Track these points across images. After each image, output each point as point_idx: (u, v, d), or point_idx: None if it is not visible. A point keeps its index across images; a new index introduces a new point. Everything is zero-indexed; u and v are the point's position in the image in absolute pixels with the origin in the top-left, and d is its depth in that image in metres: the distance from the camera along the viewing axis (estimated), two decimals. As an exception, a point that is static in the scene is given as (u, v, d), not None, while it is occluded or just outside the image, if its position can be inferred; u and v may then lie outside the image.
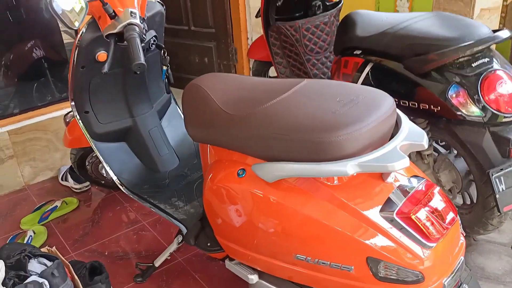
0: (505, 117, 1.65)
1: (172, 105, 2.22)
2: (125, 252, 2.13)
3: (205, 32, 3.48)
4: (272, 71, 3.20)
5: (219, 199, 1.44)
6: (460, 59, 1.68)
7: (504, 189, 1.62)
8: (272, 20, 2.68)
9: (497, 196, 1.62)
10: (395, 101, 1.32)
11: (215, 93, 1.46)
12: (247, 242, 1.41)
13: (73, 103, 1.87)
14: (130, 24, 1.46)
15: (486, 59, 1.68)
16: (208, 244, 1.64)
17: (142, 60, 1.41)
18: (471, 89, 1.64)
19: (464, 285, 1.31)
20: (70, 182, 2.62)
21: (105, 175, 2.47)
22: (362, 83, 1.97)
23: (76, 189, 2.61)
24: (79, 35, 1.69)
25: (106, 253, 2.13)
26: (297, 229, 1.27)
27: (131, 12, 1.48)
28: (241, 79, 1.57)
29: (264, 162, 1.28)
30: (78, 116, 1.90)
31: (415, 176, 1.28)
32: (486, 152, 1.68)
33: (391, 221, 1.17)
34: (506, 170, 1.63)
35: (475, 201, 1.90)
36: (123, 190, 1.95)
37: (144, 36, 1.51)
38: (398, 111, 1.29)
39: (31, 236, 2.20)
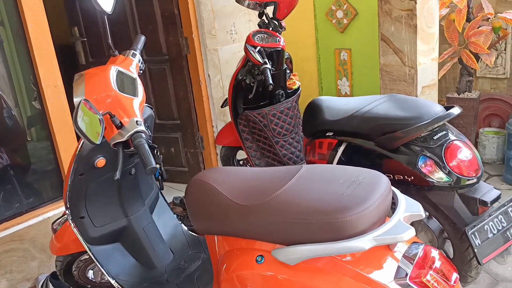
0: (468, 179, 1.91)
1: (160, 199, 2.30)
2: None
3: (170, 124, 3.64)
4: (239, 155, 3.38)
5: (239, 287, 1.51)
6: (423, 134, 1.94)
7: (480, 243, 1.83)
8: (240, 109, 2.89)
9: (476, 250, 1.82)
10: None
11: (222, 186, 1.59)
12: (270, 326, 1.48)
13: (68, 211, 1.90)
14: (137, 132, 1.59)
15: (444, 132, 1.96)
16: (223, 334, 1.68)
17: (154, 164, 1.52)
18: (437, 158, 1.90)
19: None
20: (52, 291, 2.53)
21: (91, 278, 2.43)
22: (338, 161, 2.19)
23: (58, 297, 2.52)
24: (79, 146, 1.78)
25: None
26: (321, 306, 1.36)
27: (137, 121, 1.61)
28: (241, 171, 1.71)
29: (283, 246, 1.40)
30: (73, 223, 1.92)
31: (415, 242, 1.45)
32: (458, 212, 1.90)
33: (406, 286, 1.31)
34: (479, 226, 1.85)
35: (451, 257, 2.10)
36: (122, 292, 1.95)
37: (150, 141, 1.63)
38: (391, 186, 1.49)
39: None
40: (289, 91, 3.00)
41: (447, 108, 1.98)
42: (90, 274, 2.42)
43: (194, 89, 3.49)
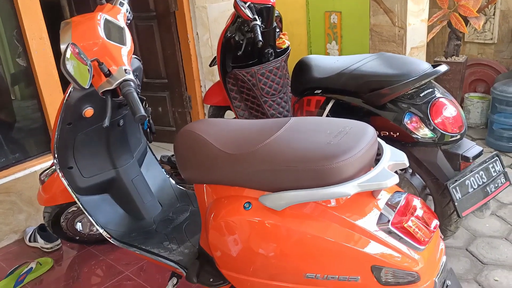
0: (451, 136, 1.95)
1: (149, 153, 2.31)
2: (115, 304, 2.13)
3: (158, 83, 3.61)
4: (227, 115, 3.39)
5: (226, 234, 1.55)
6: (410, 91, 1.97)
7: (460, 197, 1.90)
8: (229, 68, 2.88)
9: (456, 204, 1.89)
10: None
11: (210, 136, 1.60)
12: (257, 270, 1.53)
13: (56, 160, 1.91)
14: (125, 80, 1.58)
15: (430, 89, 1.99)
16: (211, 280, 1.73)
17: (142, 112, 1.53)
18: (423, 115, 1.93)
19: (447, 281, 1.52)
20: (40, 242, 2.56)
21: (80, 230, 2.47)
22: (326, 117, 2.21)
23: (47, 248, 2.56)
24: (67, 95, 1.77)
25: (95, 308, 2.12)
26: (306, 249, 1.41)
27: (125, 69, 1.60)
28: (231, 122, 1.73)
29: (270, 193, 1.43)
30: (61, 173, 1.93)
31: (398, 191, 1.50)
32: (441, 168, 1.96)
33: (387, 231, 1.37)
34: (460, 181, 1.91)
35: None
36: (111, 241, 1.98)
37: (138, 90, 1.63)
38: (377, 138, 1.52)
39: None
40: (278, 51, 2.99)
41: (434, 67, 2.00)
42: (79, 226, 2.45)
43: (182, 48, 3.46)
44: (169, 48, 3.47)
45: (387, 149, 1.47)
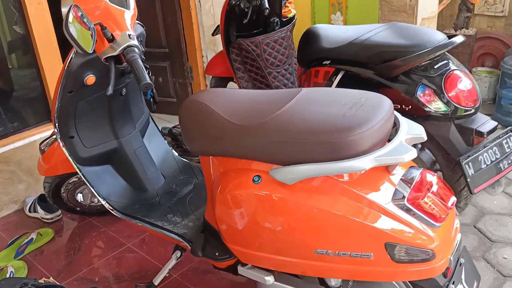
0: (465, 110, 1.89)
1: (151, 124, 2.25)
2: (117, 276, 2.10)
3: (158, 52, 3.51)
4: (230, 86, 3.31)
5: (233, 207, 1.50)
6: (423, 63, 1.90)
7: (473, 173, 1.85)
8: (233, 37, 2.79)
9: (469, 180, 1.85)
10: None
11: (218, 107, 1.54)
12: (264, 245, 1.49)
13: (56, 129, 1.85)
14: (130, 46, 1.50)
15: (445, 61, 1.92)
16: (217, 254, 1.69)
17: (148, 79, 1.46)
18: (436, 87, 1.87)
19: (461, 259, 1.49)
20: (40, 213, 2.52)
21: (81, 201, 2.42)
22: (335, 90, 2.14)
23: (47, 219, 2.52)
24: (68, 61, 1.69)
25: (97, 279, 2.09)
26: (317, 225, 1.37)
27: (129, 34, 1.52)
28: (238, 92, 1.66)
29: (281, 166, 1.38)
30: (62, 142, 1.87)
31: (413, 167, 1.44)
32: (453, 143, 1.91)
33: (403, 207, 1.32)
34: (473, 156, 1.86)
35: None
36: (114, 213, 1.94)
37: (143, 56, 1.55)
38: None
39: (12, 272, 2.10)
40: (284, 20, 2.89)
41: (449, 37, 1.93)
42: (80, 197, 2.41)
43: (184, 16, 3.34)
44: (170, 16, 3.36)
45: (404, 122, 1.41)
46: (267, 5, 2.34)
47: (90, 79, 1.72)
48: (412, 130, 1.38)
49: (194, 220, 1.91)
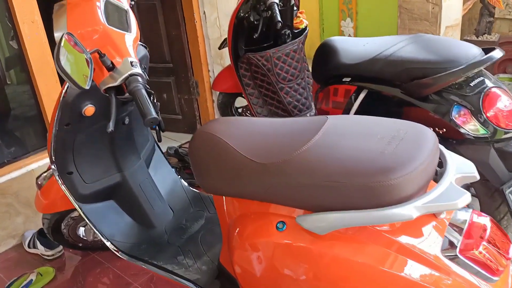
0: (506, 132, 1.70)
1: (157, 151, 2.07)
2: (125, 320, 1.92)
3: (162, 67, 3.33)
4: (238, 102, 3.13)
5: (255, 256, 1.32)
6: (458, 80, 1.71)
7: (517, 202, 1.66)
8: (241, 51, 2.61)
9: (513, 210, 1.65)
10: None
11: (232, 140, 1.35)
12: (290, 298, 1.31)
13: (54, 166, 1.67)
14: (132, 75, 1.32)
15: (481, 78, 1.73)
16: (234, 304, 1.51)
17: (154, 114, 1.27)
18: (474, 107, 1.68)
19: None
20: (40, 249, 2.34)
21: (83, 236, 2.24)
22: (357, 110, 1.96)
23: (48, 256, 2.33)
24: (63, 91, 1.51)
25: (103, 325, 1.91)
26: (353, 281, 1.18)
27: (131, 62, 1.34)
28: (254, 122, 1.47)
29: (310, 213, 1.19)
30: (60, 180, 1.70)
31: (461, 208, 1.25)
32: (493, 169, 1.71)
33: (454, 259, 1.13)
34: (517, 184, 1.67)
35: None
36: (119, 255, 1.76)
37: (147, 86, 1.37)
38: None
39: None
40: (295, 31, 2.71)
41: (485, 51, 1.73)
42: (81, 231, 2.23)
43: (188, 28, 3.16)
44: (174, 30, 3.18)
45: (451, 157, 1.22)
46: (279, 18, 2.17)
47: (89, 109, 1.55)
48: (461, 168, 1.19)
49: (207, 262, 1.72)
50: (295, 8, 2.60)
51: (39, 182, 2.00)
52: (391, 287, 1.15)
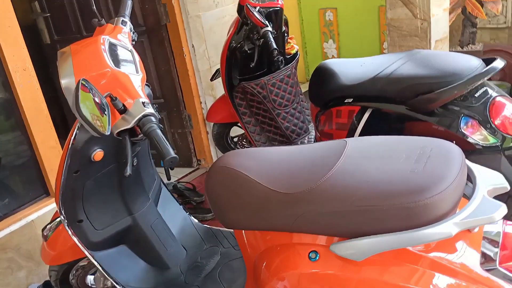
0: (513, 139, 1.71)
1: (164, 189, 2.02)
2: None
3: (153, 103, 3.29)
4: (233, 132, 3.11)
5: (287, 290, 1.28)
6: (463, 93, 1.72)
7: (534, 209, 1.66)
8: (236, 81, 2.61)
9: (531, 218, 1.65)
10: None
11: (251, 172, 1.32)
12: (329, 330, 1.26)
13: (63, 215, 1.61)
14: (146, 115, 1.30)
15: (484, 88, 1.75)
16: None
17: (173, 153, 1.25)
18: (481, 117, 1.69)
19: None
20: (47, 302, 2.24)
21: (91, 285, 2.15)
22: (362, 130, 1.96)
23: (55, 308, 2.24)
24: (72, 138, 1.47)
25: None
26: (396, 304, 1.15)
27: (143, 102, 1.32)
28: (269, 152, 1.45)
29: (344, 239, 1.16)
30: (70, 230, 1.63)
31: (492, 219, 1.24)
32: (507, 176, 1.70)
33: (496, 273, 1.11)
34: (531, 190, 1.67)
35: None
36: (137, 301, 1.70)
37: (161, 125, 1.34)
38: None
39: None
40: (287, 57, 2.74)
41: (485, 62, 1.76)
42: (90, 280, 2.14)
43: (178, 62, 3.16)
44: (163, 65, 3.17)
45: (478, 171, 1.22)
46: (275, 46, 2.18)
47: (98, 154, 1.51)
48: (491, 180, 1.19)
49: (230, 298, 1.67)
50: (285, 34, 2.63)
51: (45, 233, 1.92)
52: (436, 308, 1.12)
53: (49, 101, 2.47)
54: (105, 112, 1.19)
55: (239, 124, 2.93)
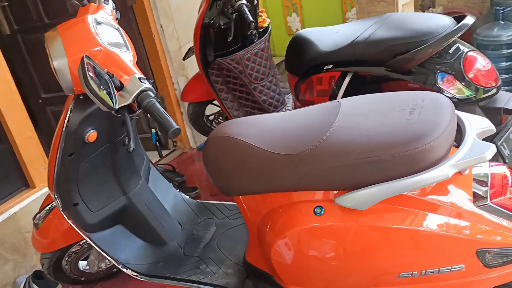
0: (488, 90, 1.83)
1: (153, 168, 2.03)
2: None
3: (149, 79, 3.25)
4: (208, 110, 3.12)
5: (294, 246, 1.33)
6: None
7: (509, 152, 1.78)
8: (211, 57, 2.61)
9: (507, 161, 1.77)
10: None
11: (251, 138, 1.36)
12: (337, 280, 1.34)
13: (58, 200, 1.60)
14: (144, 90, 1.30)
15: (457, 45, 1.85)
16: (270, 300, 1.52)
17: (175, 125, 1.26)
18: (456, 72, 1.79)
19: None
20: (39, 293, 2.22)
21: (85, 269, 2.14)
22: (344, 94, 2.02)
23: (48, 298, 2.22)
24: (65, 120, 1.45)
25: None
26: (399, 247, 1.23)
27: (139, 78, 1.32)
28: (265, 119, 1.49)
29: (349, 191, 1.22)
30: (66, 213, 1.62)
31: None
32: (481, 127, 1.82)
33: (488, 209, 1.21)
34: (505, 135, 1.79)
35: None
36: (140, 278, 1.72)
37: (159, 99, 1.35)
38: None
39: None
40: (260, 30, 2.75)
41: (457, 19, 1.86)
42: (83, 265, 2.13)
43: (146, 44, 3.11)
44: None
45: (466, 117, 1.30)
46: (251, 18, 2.19)
47: (92, 135, 1.50)
48: (478, 124, 1.28)
49: (232, 265, 1.71)
50: (257, 8, 2.64)
51: (36, 222, 1.89)
52: (435, 246, 1.21)
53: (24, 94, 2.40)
54: (106, 88, 1.19)
55: (214, 101, 2.94)
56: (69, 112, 1.43)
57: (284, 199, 1.35)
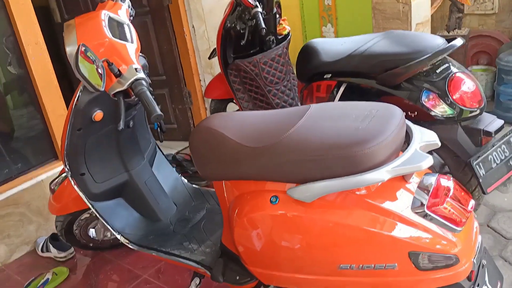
0: (471, 111, 1.90)
1: (158, 152, 2.25)
2: (139, 309, 2.08)
3: (156, 80, 3.53)
4: (229, 108, 3.32)
5: (252, 230, 1.49)
6: (425, 68, 1.91)
7: (484, 173, 1.86)
8: (230, 59, 2.80)
9: (481, 180, 1.85)
10: None
11: (227, 131, 1.54)
12: (286, 264, 1.48)
13: (67, 168, 1.85)
14: (137, 79, 1.51)
15: (446, 65, 1.94)
16: (237, 277, 1.68)
17: (158, 111, 1.46)
18: (440, 91, 1.88)
19: (483, 260, 1.48)
20: (53, 252, 2.50)
21: (93, 237, 2.40)
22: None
23: (60, 258, 2.50)
24: (75, 99, 1.70)
25: (118, 315, 2.06)
26: (340, 240, 1.36)
27: (135, 68, 1.54)
28: (246, 115, 1.67)
29: (299, 185, 1.38)
30: (73, 180, 1.87)
31: (428, 173, 1.44)
32: (462, 145, 1.91)
33: (423, 215, 1.32)
34: (483, 157, 1.87)
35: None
36: (130, 246, 1.93)
37: (151, 88, 1.56)
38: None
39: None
40: (279, 37, 2.92)
41: (449, 41, 1.95)
42: (92, 232, 2.39)
43: (179, 42, 3.37)
44: (165, 44, 3.39)
45: (417, 129, 1.42)
46: (263, 25, 2.37)
47: (98, 115, 1.73)
48: (425, 137, 1.39)
49: (210, 245, 1.90)
50: (277, 16, 2.81)
51: (52, 187, 2.17)
52: (371, 242, 1.33)
53: (59, 76, 2.70)
54: (100, 72, 1.41)
55: (234, 100, 3.13)
56: (79, 92, 1.67)
57: (250, 186, 1.52)
